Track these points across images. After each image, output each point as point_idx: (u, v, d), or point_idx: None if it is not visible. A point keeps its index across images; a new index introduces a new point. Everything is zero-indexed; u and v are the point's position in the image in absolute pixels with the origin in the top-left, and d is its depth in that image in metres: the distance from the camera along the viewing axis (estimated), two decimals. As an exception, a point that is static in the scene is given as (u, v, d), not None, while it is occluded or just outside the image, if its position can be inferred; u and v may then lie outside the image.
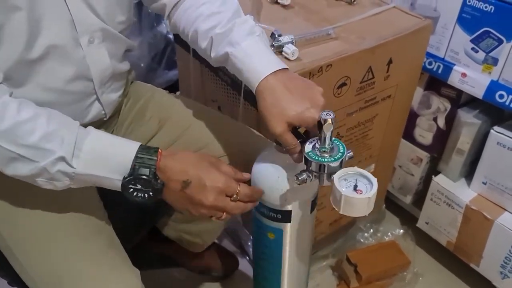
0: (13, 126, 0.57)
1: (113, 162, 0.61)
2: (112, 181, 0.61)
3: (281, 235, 0.77)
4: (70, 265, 0.69)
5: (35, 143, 0.58)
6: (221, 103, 1.09)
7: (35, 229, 0.71)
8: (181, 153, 0.65)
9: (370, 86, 0.96)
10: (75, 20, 0.66)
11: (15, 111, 0.58)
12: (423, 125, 1.21)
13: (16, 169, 0.59)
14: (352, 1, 1.05)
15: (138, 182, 0.60)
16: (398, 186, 1.34)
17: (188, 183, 0.62)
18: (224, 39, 0.69)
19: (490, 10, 0.93)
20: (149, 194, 0.61)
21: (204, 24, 0.71)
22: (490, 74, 0.98)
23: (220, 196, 0.63)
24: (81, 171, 0.60)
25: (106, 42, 0.73)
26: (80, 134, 0.60)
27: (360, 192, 0.59)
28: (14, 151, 0.57)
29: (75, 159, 0.59)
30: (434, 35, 1.05)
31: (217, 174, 0.64)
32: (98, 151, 0.61)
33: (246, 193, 0.65)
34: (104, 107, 0.78)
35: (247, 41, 0.67)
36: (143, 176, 0.60)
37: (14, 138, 0.57)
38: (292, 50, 0.84)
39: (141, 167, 0.60)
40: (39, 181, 0.61)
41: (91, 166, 0.60)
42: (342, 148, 0.62)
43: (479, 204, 1.10)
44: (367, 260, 1.19)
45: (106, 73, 0.75)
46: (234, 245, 1.30)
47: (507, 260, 1.07)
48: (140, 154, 0.61)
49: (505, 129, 1.01)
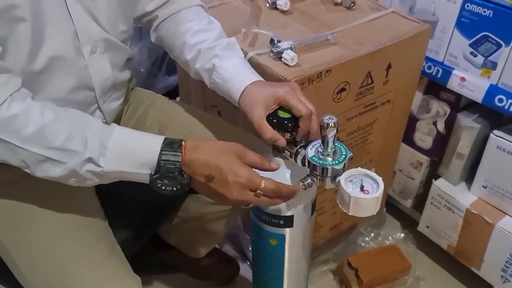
0: (38, 130, 0.58)
1: (139, 158, 0.61)
2: (140, 175, 0.62)
3: (283, 240, 0.77)
4: (70, 272, 0.69)
5: (60, 145, 0.59)
6: (221, 109, 1.09)
7: (36, 236, 0.71)
8: (205, 145, 0.64)
9: (370, 91, 0.96)
10: (78, 30, 0.67)
11: (39, 114, 0.59)
12: (423, 129, 1.21)
13: (46, 171, 0.60)
14: (351, 6, 1.06)
15: (166, 178, 0.61)
16: (399, 190, 1.34)
17: (211, 177, 0.61)
18: (211, 53, 0.76)
19: (488, 15, 0.94)
20: (177, 187, 0.62)
21: (193, 38, 0.79)
22: (489, 78, 0.98)
23: (243, 190, 0.62)
24: (109, 169, 0.60)
25: (108, 52, 0.73)
26: (104, 132, 0.61)
27: (367, 192, 0.60)
28: (42, 154, 0.58)
29: (101, 158, 0.60)
30: (433, 39, 1.05)
31: (240, 168, 0.62)
32: (124, 148, 0.61)
33: (271, 189, 0.63)
34: (105, 116, 0.79)
35: (232, 58, 0.76)
36: (170, 174, 0.60)
37: (40, 142, 0.58)
38: (291, 56, 0.84)
39: (166, 165, 0.60)
40: (71, 181, 0.62)
41: (118, 163, 0.61)
42: (344, 150, 0.63)
43: (479, 208, 1.10)
44: (368, 264, 1.19)
45: (107, 82, 0.75)
46: (235, 250, 1.30)
47: (508, 264, 1.07)
48: (165, 151, 0.60)
49: (505, 133, 1.01)
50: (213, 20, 0.84)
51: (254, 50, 0.89)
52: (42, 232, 0.71)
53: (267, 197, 0.63)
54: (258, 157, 0.65)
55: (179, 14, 0.83)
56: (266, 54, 0.88)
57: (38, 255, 0.70)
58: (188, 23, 0.81)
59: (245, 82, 0.72)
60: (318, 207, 1.10)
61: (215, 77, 0.76)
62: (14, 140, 0.57)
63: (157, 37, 0.86)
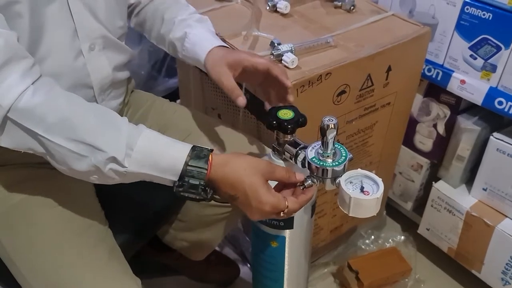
0: (62, 120, 0.57)
1: (164, 163, 0.60)
2: (163, 180, 0.61)
3: (283, 242, 0.77)
4: (71, 274, 0.69)
5: (85, 139, 0.57)
6: (221, 111, 1.09)
7: (36, 237, 0.71)
8: (234, 162, 0.62)
9: (370, 93, 0.97)
10: (77, 27, 0.67)
11: (65, 105, 0.58)
12: (423, 131, 1.21)
13: (69, 164, 0.58)
14: (351, 9, 1.06)
15: (188, 192, 0.60)
16: (399, 193, 1.34)
17: (235, 197, 0.61)
18: (184, 23, 0.82)
19: (488, 18, 0.94)
20: (199, 198, 0.61)
21: (170, 15, 0.85)
22: (488, 80, 0.99)
23: (265, 215, 0.62)
24: (133, 170, 0.59)
25: (106, 50, 0.74)
26: (132, 132, 0.60)
27: (368, 193, 0.60)
28: (65, 146, 0.57)
29: (127, 159, 0.58)
30: (433, 42, 1.05)
31: (265, 195, 0.61)
32: (150, 151, 0.60)
33: (294, 210, 0.63)
34: None
35: (203, 28, 0.82)
36: (192, 189, 0.60)
37: (65, 133, 0.57)
38: (291, 58, 0.85)
39: (191, 179, 0.59)
40: (92, 178, 0.61)
41: (143, 165, 0.60)
42: (344, 151, 0.63)
43: (479, 210, 1.10)
44: (368, 267, 1.19)
45: (106, 80, 0.76)
46: (235, 253, 1.30)
47: (508, 267, 1.07)
48: (191, 165, 0.59)
49: (505, 135, 1.01)
50: (190, 6, 0.89)
51: (254, 52, 0.90)
52: (42, 233, 0.71)
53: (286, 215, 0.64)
54: (285, 172, 0.65)
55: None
56: (266, 56, 0.88)
57: (38, 256, 0.70)
58: (167, 4, 0.87)
59: (211, 45, 0.76)
60: (318, 210, 1.10)
61: (186, 43, 0.80)
62: (38, 128, 0.56)
63: (137, 22, 0.90)
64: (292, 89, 0.73)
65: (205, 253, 1.09)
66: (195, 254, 1.08)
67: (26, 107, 0.56)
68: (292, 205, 0.63)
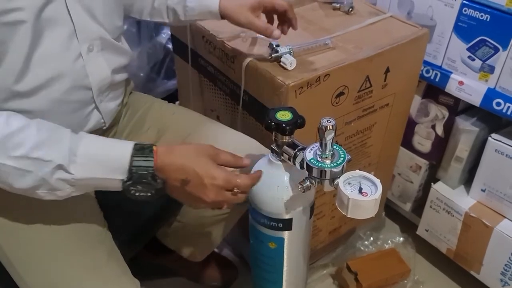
0: (3, 138, 0.56)
1: (110, 162, 0.60)
2: (112, 182, 0.61)
3: (282, 243, 0.77)
4: (69, 276, 0.69)
5: (26, 153, 0.57)
6: (220, 113, 1.10)
7: (34, 239, 0.71)
8: (179, 148, 0.64)
9: (368, 95, 0.97)
10: (76, 28, 0.68)
11: (4, 124, 0.57)
12: (421, 132, 1.22)
13: (12, 183, 0.58)
14: (349, 10, 1.06)
15: (138, 184, 0.60)
16: (398, 194, 1.34)
17: (187, 181, 0.61)
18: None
19: (486, 19, 0.94)
20: (151, 192, 0.61)
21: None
22: (487, 82, 0.99)
23: (220, 191, 0.63)
24: (80, 176, 0.59)
25: (104, 51, 0.74)
26: (73, 139, 0.60)
27: (366, 194, 0.60)
28: (6, 163, 0.56)
29: (72, 165, 0.59)
30: (431, 43, 1.06)
31: (215, 170, 0.63)
32: (93, 153, 0.61)
33: (246, 185, 0.66)
34: (103, 116, 0.79)
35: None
36: (142, 180, 0.60)
37: (5, 151, 0.56)
38: (290, 60, 0.85)
39: (138, 171, 0.60)
40: (40, 193, 0.60)
41: (89, 169, 0.60)
42: (343, 153, 0.63)
43: (478, 211, 1.10)
44: (367, 268, 1.19)
45: (104, 82, 0.76)
46: (234, 254, 1.30)
47: (507, 268, 1.07)
48: (136, 157, 0.60)
49: (503, 136, 1.02)
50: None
51: (253, 54, 0.90)
52: (41, 235, 0.71)
53: (242, 194, 0.66)
54: (231, 156, 0.67)
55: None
56: (265, 58, 0.89)
57: (37, 258, 0.70)
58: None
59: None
60: (317, 211, 1.10)
61: (189, 3, 0.85)
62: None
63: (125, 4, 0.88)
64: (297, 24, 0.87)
65: (204, 255, 1.09)
66: (194, 255, 1.08)
67: None
68: (244, 180, 0.65)
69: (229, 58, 0.95)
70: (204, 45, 1.02)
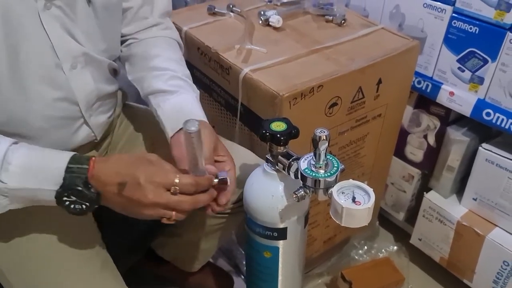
0: None
1: (44, 173, 0.59)
2: (45, 192, 0.59)
3: (277, 252, 0.78)
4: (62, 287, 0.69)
5: None
6: (216, 124, 1.10)
7: (28, 250, 0.71)
8: (115, 156, 0.63)
9: (361, 105, 0.98)
10: (55, 47, 0.66)
11: None
12: (413, 142, 1.23)
13: None
14: (342, 23, 1.08)
15: (72, 194, 0.58)
16: (391, 203, 1.36)
17: (123, 184, 0.59)
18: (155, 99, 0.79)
19: (474, 31, 0.96)
20: (86, 204, 0.59)
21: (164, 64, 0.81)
22: (476, 92, 1.01)
23: (159, 190, 0.59)
24: (13, 186, 0.58)
25: (89, 66, 0.73)
26: (10, 149, 0.58)
27: (359, 203, 0.61)
28: None
29: (4, 173, 0.57)
30: (422, 55, 1.08)
31: (152, 168, 0.60)
32: (29, 163, 0.59)
33: (187, 183, 0.60)
34: (93, 130, 0.79)
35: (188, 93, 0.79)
36: (74, 187, 0.58)
37: None
38: (276, 19, 0.95)
39: (71, 178, 0.58)
40: None
41: (22, 178, 0.58)
42: (336, 162, 0.64)
43: (470, 220, 1.12)
44: (361, 277, 1.20)
45: (91, 96, 0.75)
46: (229, 264, 1.30)
47: (500, 276, 1.08)
48: (71, 165, 0.59)
49: (493, 146, 1.03)
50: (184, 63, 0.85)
51: (247, 66, 0.91)
52: (34, 246, 0.71)
53: (187, 195, 0.61)
54: (173, 167, 0.63)
55: (153, 39, 0.84)
56: (259, 69, 0.90)
57: (31, 270, 0.70)
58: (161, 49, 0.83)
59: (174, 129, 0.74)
60: (312, 221, 1.11)
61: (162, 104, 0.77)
62: None
63: (122, 56, 0.86)
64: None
65: (200, 265, 1.09)
66: (190, 265, 1.08)
67: None
68: (182, 178, 0.60)
69: (224, 69, 0.96)
70: (199, 57, 1.03)
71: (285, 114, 0.84)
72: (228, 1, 1.16)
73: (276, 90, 0.84)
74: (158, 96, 0.78)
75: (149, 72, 0.80)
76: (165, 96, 0.77)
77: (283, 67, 0.92)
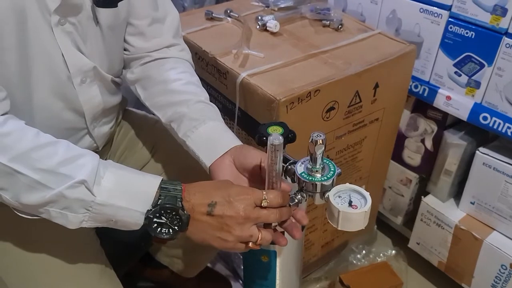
0: (31, 149, 0.55)
1: (136, 191, 0.58)
2: (133, 214, 0.58)
3: (274, 257, 0.78)
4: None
5: (53, 167, 0.55)
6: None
7: (26, 256, 0.71)
8: (201, 182, 0.63)
9: (358, 109, 0.99)
10: (67, 61, 0.67)
11: (34, 135, 0.57)
12: (411, 146, 1.23)
13: (29, 197, 0.56)
14: (339, 27, 1.08)
15: (164, 214, 0.57)
16: (389, 207, 1.36)
17: (213, 204, 0.59)
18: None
19: (471, 36, 0.97)
20: (174, 228, 0.58)
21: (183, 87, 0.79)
22: (473, 96, 1.01)
23: (250, 206, 0.59)
24: (101, 201, 0.56)
25: (97, 81, 0.74)
26: (102, 163, 0.59)
27: (356, 207, 0.61)
28: (30, 176, 0.54)
29: (96, 186, 0.56)
30: (419, 59, 1.08)
31: (238, 188, 0.61)
32: (120, 180, 0.59)
33: (274, 195, 0.61)
34: (96, 140, 0.80)
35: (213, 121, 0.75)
36: (169, 206, 0.57)
37: (31, 162, 0.55)
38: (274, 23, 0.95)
39: (167, 197, 0.58)
40: (52, 211, 0.57)
41: (113, 195, 0.57)
42: (333, 166, 0.64)
43: (468, 224, 1.12)
44: (360, 281, 1.19)
45: (98, 109, 0.76)
46: (227, 269, 1.30)
47: (498, 280, 1.08)
48: (165, 185, 0.59)
49: (490, 150, 1.04)
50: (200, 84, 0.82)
51: (245, 70, 0.92)
52: (33, 253, 0.71)
53: (274, 208, 0.62)
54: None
55: (169, 60, 0.82)
56: (257, 74, 0.90)
57: (29, 276, 0.70)
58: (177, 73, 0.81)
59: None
60: (309, 225, 1.11)
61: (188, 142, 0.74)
62: (1, 157, 0.54)
63: (135, 77, 0.83)
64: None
65: (197, 270, 1.09)
66: (187, 271, 1.08)
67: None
68: (270, 192, 0.61)
69: (222, 74, 0.96)
70: (196, 61, 1.04)
71: (282, 118, 0.84)
72: (225, 6, 1.16)
73: (273, 94, 0.84)
74: (184, 121, 0.75)
75: (171, 96, 0.78)
76: (191, 124, 0.74)
77: (280, 71, 0.92)
